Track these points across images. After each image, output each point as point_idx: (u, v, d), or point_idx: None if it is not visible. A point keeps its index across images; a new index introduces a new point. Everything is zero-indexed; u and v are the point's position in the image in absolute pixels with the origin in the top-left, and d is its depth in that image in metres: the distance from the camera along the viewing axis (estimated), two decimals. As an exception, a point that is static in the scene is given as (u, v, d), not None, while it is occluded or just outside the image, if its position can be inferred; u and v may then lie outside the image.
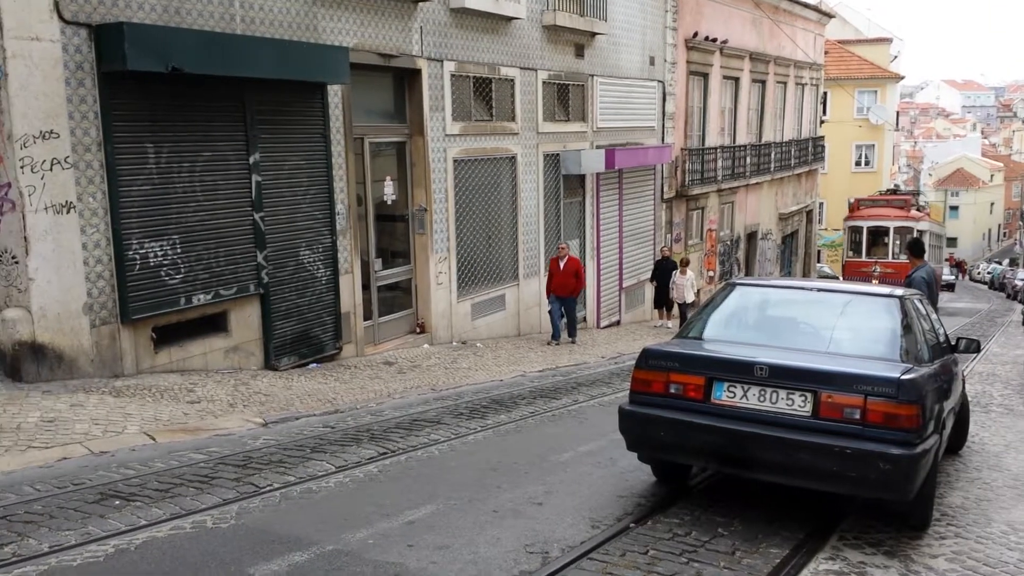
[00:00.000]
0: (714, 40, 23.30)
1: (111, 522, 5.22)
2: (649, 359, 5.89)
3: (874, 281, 22.32)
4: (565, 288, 15.34)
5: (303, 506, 5.74)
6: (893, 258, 28.52)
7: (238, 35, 9.92)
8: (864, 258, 29.37)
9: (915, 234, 25.67)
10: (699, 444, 5.60)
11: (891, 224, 29.16)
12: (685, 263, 19.78)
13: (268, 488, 6.02)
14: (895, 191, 34.49)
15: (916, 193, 35.88)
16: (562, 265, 15.37)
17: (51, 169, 8.16)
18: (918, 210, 29.98)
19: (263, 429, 7.72)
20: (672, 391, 5.73)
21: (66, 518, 5.25)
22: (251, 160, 10.17)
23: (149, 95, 8.95)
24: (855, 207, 31.26)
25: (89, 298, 8.55)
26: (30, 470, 6.10)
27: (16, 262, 8.09)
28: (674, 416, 5.65)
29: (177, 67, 8.65)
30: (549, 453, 7.33)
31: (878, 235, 29.75)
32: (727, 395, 5.56)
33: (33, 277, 8.08)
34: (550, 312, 15.65)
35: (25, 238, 8.02)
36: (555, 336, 15.46)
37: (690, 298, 19.32)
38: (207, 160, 9.64)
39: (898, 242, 28.77)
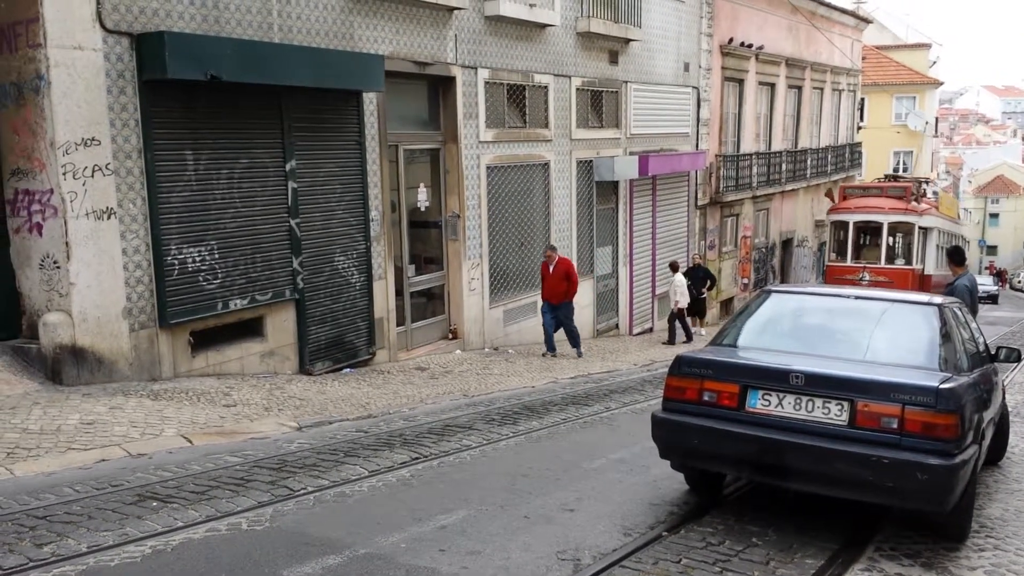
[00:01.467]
0: (750, 46, 23.16)
1: (148, 523, 5.30)
2: (683, 366, 5.86)
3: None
4: (556, 293, 14.08)
5: (336, 510, 5.78)
6: (888, 263, 21.70)
7: (275, 43, 10.05)
8: (849, 262, 21.97)
9: (916, 231, 21.52)
10: (733, 452, 5.55)
11: (884, 219, 21.94)
12: (674, 267, 18.48)
13: (302, 491, 6.07)
14: (895, 177, 27.11)
15: (925, 181, 27.63)
16: (552, 269, 14.15)
17: (92, 176, 8.31)
18: (916, 201, 22.63)
19: (298, 433, 7.79)
20: (706, 399, 5.69)
21: (104, 519, 5.33)
22: (288, 167, 10.28)
23: (188, 103, 9.09)
24: (842, 196, 23.85)
25: (128, 302, 8.69)
26: (70, 471, 6.21)
27: (58, 267, 8.25)
28: (708, 424, 5.61)
29: (216, 75, 8.78)
30: (581, 460, 7.31)
31: (868, 233, 22.67)
32: (762, 403, 5.51)
33: (74, 282, 8.23)
34: (543, 323, 14.38)
35: (67, 243, 8.17)
36: (550, 348, 14.17)
37: (683, 302, 17.95)
38: (245, 167, 9.77)
39: (894, 242, 22.40)
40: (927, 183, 28.25)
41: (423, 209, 13.22)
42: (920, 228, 21.83)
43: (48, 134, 8.07)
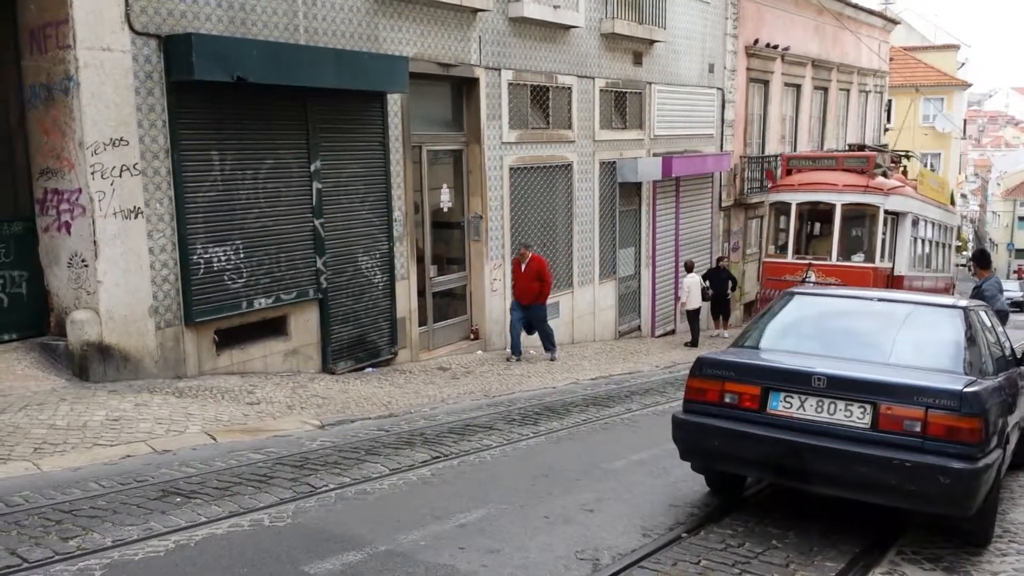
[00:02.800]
0: (775, 47, 23.03)
1: (172, 518, 5.36)
2: (704, 368, 5.85)
3: None
4: (528, 294, 13.20)
5: (357, 507, 5.82)
6: (842, 258, 16.42)
7: (301, 45, 10.13)
8: (790, 258, 16.87)
9: (882, 217, 16.15)
10: (754, 455, 5.53)
11: (837, 199, 16.53)
12: (689, 267, 18.35)
13: (324, 488, 6.11)
14: (861, 147, 21.03)
15: (906, 155, 21.42)
16: (523, 267, 13.28)
17: (120, 175, 8.42)
18: (885, 176, 17.17)
19: (320, 431, 7.85)
20: (727, 400, 5.67)
21: (129, 514, 5.40)
22: (312, 167, 10.36)
23: (215, 104, 9.19)
24: (784, 170, 18.41)
25: (155, 301, 8.79)
26: (95, 467, 6.30)
27: (85, 265, 8.36)
28: (729, 426, 5.60)
29: (242, 76, 8.87)
30: (601, 461, 7.31)
31: (816, 218, 17.68)
32: (783, 405, 5.49)
33: (101, 280, 8.34)
34: (510, 322, 13.54)
35: (94, 242, 8.29)
36: (515, 351, 13.25)
37: (692, 303, 17.77)
38: (270, 167, 9.86)
39: (856, 232, 17.14)
40: (907, 157, 21.27)
41: (446, 210, 13.26)
42: (887, 212, 16.37)
43: (77, 134, 8.18)
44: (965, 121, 51.47)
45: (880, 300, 6.59)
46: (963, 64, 48.30)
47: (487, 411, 9.27)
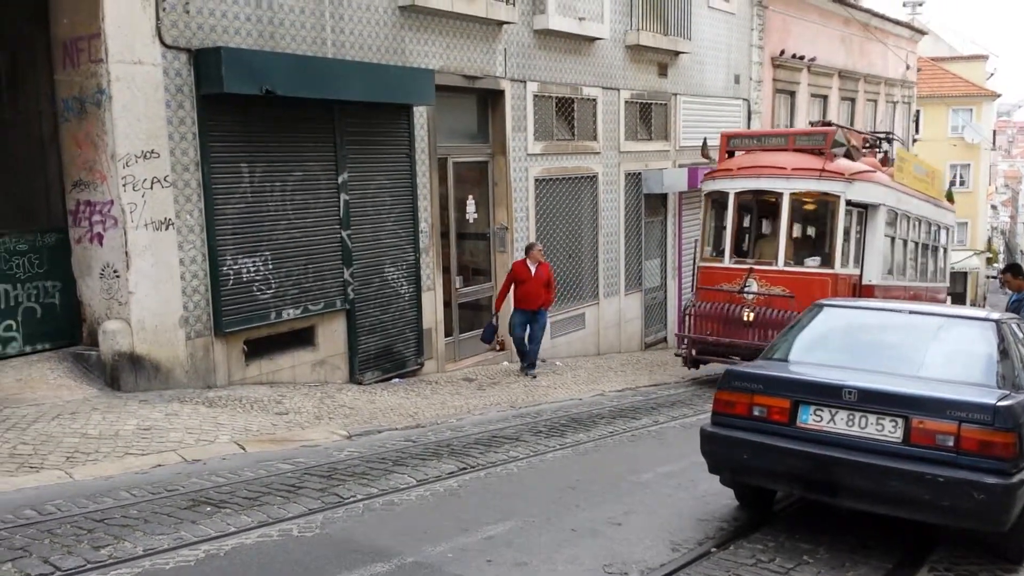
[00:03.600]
0: (801, 58, 22.92)
1: (202, 528, 5.40)
2: (732, 380, 5.82)
3: (747, 315, 12.03)
4: (537, 299, 12.33)
5: (385, 518, 5.84)
6: (790, 262, 12.63)
7: (329, 59, 10.23)
8: (727, 262, 13.04)
9: (842, 209, 12.46)
10: (784, 468, 5.50)
11: (785, 186, 12.69)
12: None
13: (352, 499, 6.14)
14: (826, 123, 16.71)
15: (886, 137, 18.24)
16: (534, 270, 12.35)
17: (151, 187, 8.53)
18: (850, 158, 13.34)
19: (347, 441, 7.88)
20: (756, 413, 5.64)
21: (160, 523, 5.45)
22: (340, 179, 10.44)
23: (244, 116, 9.29)
24: (723, 153, 14.06)
25: (185, 311, 8.88)
26: (127, 476, 6.36)
27: (117, 276, 8.47)
28: (758, 439, 5.56)
29: (271, 89, 8.96)
30: (629, 473, 7.28)
31: (763, 211, 14.14)
32: (813, 419, 5.45)
33: (133, 291, 8.44)
34: (490, 326, 12.56)
35: (126, 253, 8.39)
36: (529, 365, 12.60)
37: None
38: (298, 179, 9.94)
39: (812, 229, 14.07)
40: (889, 140, 17.56)
41: (471, 221, 13.30)
42: (851, 204, 12.62)
43: (109, 147, 8.30)
44: (995, 132, 50.92)
45: (911, 312, 6.52)
46: (992, 74, 47.85)
47: (513, 422, 9.27)
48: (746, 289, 12.35)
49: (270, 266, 9.66)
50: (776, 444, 5.48)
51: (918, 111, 36.41)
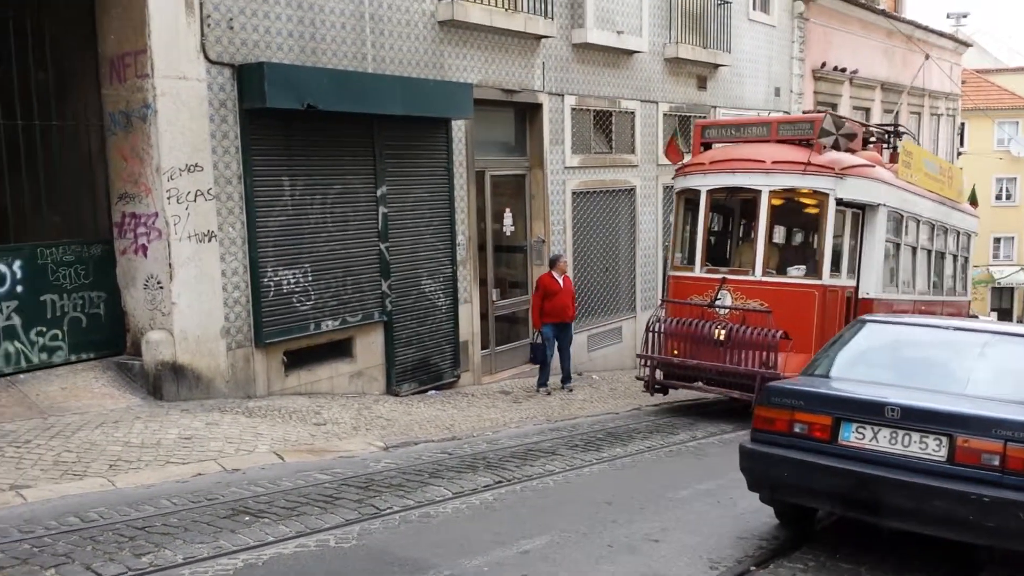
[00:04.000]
0: (843, 70, 22.70)
1: (241, 537, 5.45)
2: (772, 396, 5.75)
3: (717, 333, 10.37)
4: (566, 311, 12.00)
5: (421, 530, 5.84)
6: (770, 271, 10.96)
7: (369, 73, 10.34)
8: (698, 271, 11.36)
9: (831, 209, 10.64)
10: (825, 487, 5.41)
11: (763, 183, 10.93)
12: None
13: (388, 511, 6.15)
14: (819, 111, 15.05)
15: (894, 130, 14.53)
16: (562, 282, 12.01)
17: (195, 200, 8.67)
18: (839, 149, 11.30)
19: (384, 453, 7.91)
20: (797, 430, 5.56)
21: (199, 531, 5.51)
22: (378, 192, 10.53)
23: (285, 130, 9.42)
24: (696, 145, 12.37)
25: (226, 322, 9.00)
26: (168, 484, 6.45)
27: (161, 287, 8.61)
28: (798, 456, 5.48)
29: (312, 104, 9.08)
30: (666, 489, 7.22)
31: (737, 210, 12.58)
32: (855, 436, 5.36)
33: (176, 302, 8.57)
34: (538, 345, 12.10)
35: (170, 264, 8.53)
36: (545, 382, 12.12)
37: None
38: (338, 192, 10.05)
39: (797, 233, 13.18)
40: (898, 132, 14.32)
41: (508, 234, 13.33)
42: (841, 203, 10.76)
43: (154, 160, 8.46)
44: (1042, 144, 49.87)
45: (956, 329, 6.40)
46: (1039, 86, 46.87)
47: (549, 436, 9.24)
48: (717, 302, 10.71)
49: (309, 278, 9.76)
50: (817, 462, 5.39)
51: (963, 124, 35.82)
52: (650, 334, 11.07)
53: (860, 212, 11.14)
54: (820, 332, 10.24)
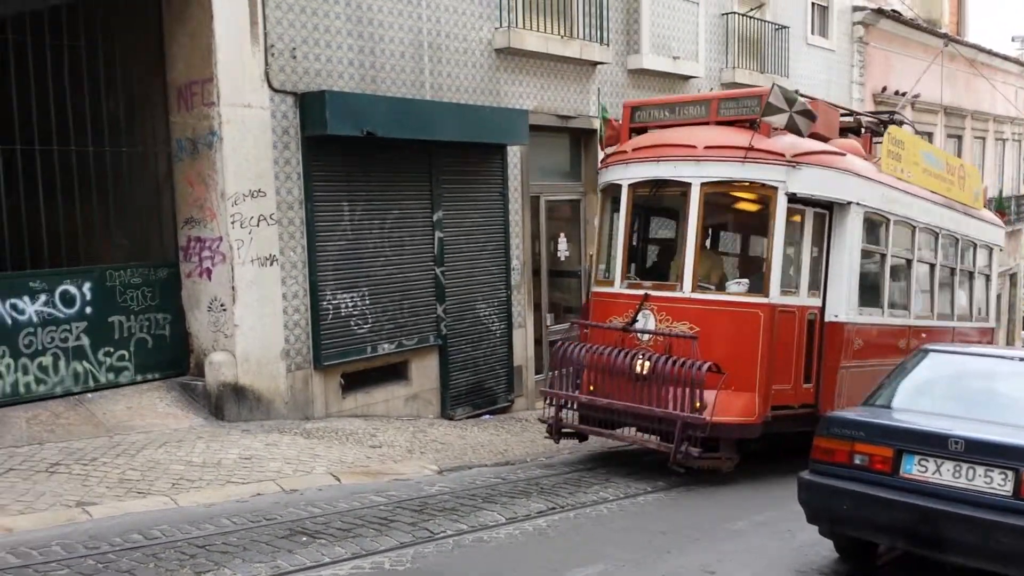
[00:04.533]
0: (904, 94, 22.34)
1: (298, 557, 5.53)
2: (832, 427, 5.66)
3: (640, 363, 8.15)
4: None
5: (474, 555, 5.86)
6: (701, 287, 8.68)
7: (426, 100, 10.51)
8: (618, 285, 9.04)
9: (779, 206, 8.46)
10: (886, 520, 5.30)
11: (692, 174, 8.61)
12: None
13: (442, 535, 6.19)
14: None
15: (892, 119, 12.36)
16: None
17: (258, 225, 8.88)
18: (797, 132, 8.61)
19: (438, 476, 7.96)
20: (857, 462, 5.46)
21: (258, 551, 5.61)
22: (435, 217, 10.66)
23: (345, 156, 9.61)
24: (626, 131, 9.64)
25: (286, 344, 9.17)
26: (228, 503, 6.58)
27: (224, 309, 8.82)
28: (859, 489, 5.38)
29: (371, 131, 9.26)
30: (722, 520, 7.12)
31: (664, 210, 10.34)
32: (918, 469, 5.25)
33: (238, 324, 8.77)
34: None
35: (233, 288, 8.74)
36: None
37: None
38: (395, 217, 10.21)
39: (744, 241, 10.88)
40: (895, 121, 12.13)
41: (563, 259, 13.36)
42: (795, 200, 8.64)
43: (219, 186, 8.69)
44: (1114, 168, 48.32)
45: (1022, 360, 6.24)
46: (1111, 108, 45.52)
47: (603, 463, 9.19)
48: (636, 326, 8.54)
49: (367, 301, 9.91)
50: (878, 495, 5.29)
51: (1030, 148, 34.91)
52: (556, 365, 8.89)
53: (827, 213, 9.00)
54: (768, 364, 8.22)
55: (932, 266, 11.17)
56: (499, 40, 11.54)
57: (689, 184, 8.63)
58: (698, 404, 7.78)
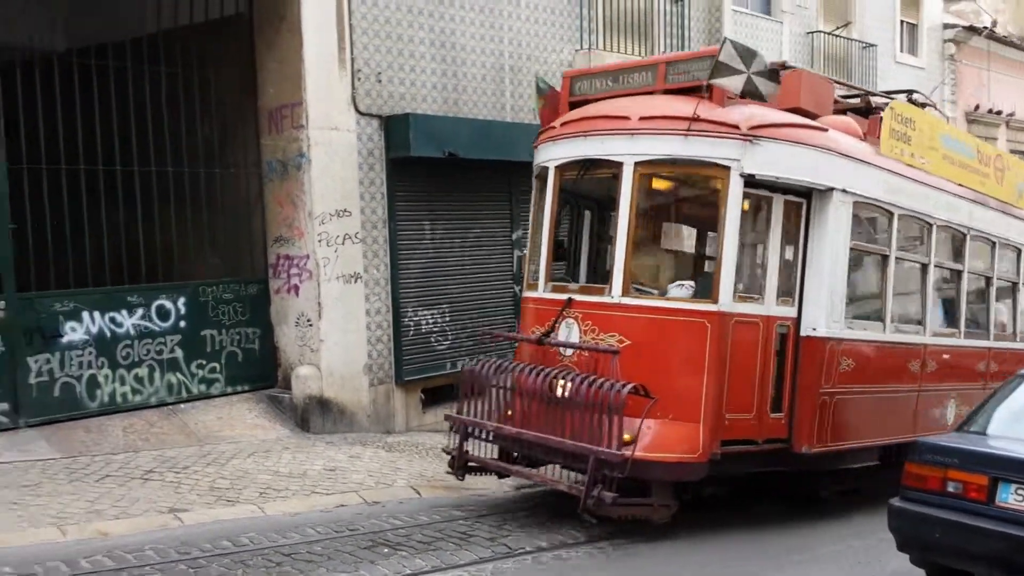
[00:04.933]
0: (998, 112, 21.62)
1: (380, 568, 5.63)
2: (924, 453, 5.49)
3: (561, 384, 6.55)
4: None
5: (553, 573, 5.85)
6: (642, 290, 7.06)
7: (506, 122, 10.63)
8: (542, 289, 7.43)
9: (736, 184, 6.65)
10: (981, 550, 5.10)
11: (625, 150, 6.91)
12: None
13: (521, 551, 6.19)
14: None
15: (911, 98, 9.46)
16: None
17: (343, 243, 9.11)
18: (760, 97, 6.77)
19: (516, 492, 7.97)
20: (950, 490, 5.27)
21: (342, 560, 5.72)
22: (514, 236, 10.76)
23: (427, 177, 9.80)
24: (566, 102, 7.83)
25: (369, 359, 9.37)
26: (313, 513, 6.73)
27: (310, 325, 9.06)
28: (952, 517, 5.19)
29: (453, 152, 9.44)
30: (816, 545, 6.92)
31: (599, 198, 8.11)
32: (1014, 498, 5.04)
33: (324, 339, 8.99)
34: None
35: (319, 304, 8.97)
36: None
37: None
38: (475, 236, 10.34)
39: (688, 231, 8.02)
40: (913, 101, 9.52)
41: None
42: (753, 183, 6.84)
43: (307, 206, 8.96)
44: None
45: None
46: None
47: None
48: (554, 338, 7.06)
49: (447, 318, 10.04)
50: (972, 523, 5.09)
51: None
52: (462, 388, 7.48)
53: (804, 202, 7.25)
54: (717, 387, 6.58)
55: (958, 273, 9.19)
56: (579, 62, 11.59)
57: (620, 164, 6.95)
58: (628, 437, 6.13)
